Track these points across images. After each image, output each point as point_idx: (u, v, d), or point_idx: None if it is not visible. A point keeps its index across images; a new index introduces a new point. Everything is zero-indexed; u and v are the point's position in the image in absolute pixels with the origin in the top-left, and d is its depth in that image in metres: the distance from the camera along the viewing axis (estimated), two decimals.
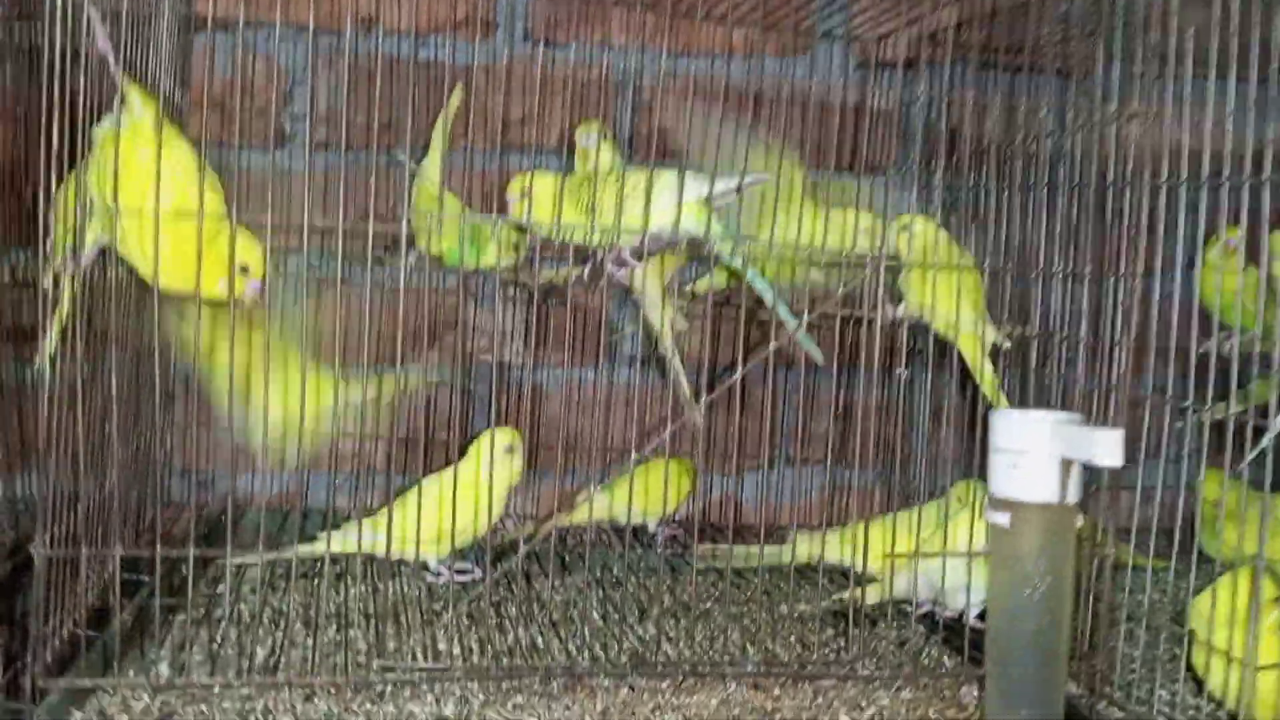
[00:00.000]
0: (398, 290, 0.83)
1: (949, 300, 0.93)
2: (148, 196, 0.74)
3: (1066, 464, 0.72)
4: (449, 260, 1.13)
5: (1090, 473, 0.78)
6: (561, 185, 0.92)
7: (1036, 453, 0.72)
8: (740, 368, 0.84)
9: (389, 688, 0.83)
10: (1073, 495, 0.73)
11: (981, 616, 0.86)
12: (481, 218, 1.02)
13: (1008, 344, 0.96)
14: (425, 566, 1.03)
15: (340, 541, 1.00)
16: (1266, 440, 0.79)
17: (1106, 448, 0.67)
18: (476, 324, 1.29)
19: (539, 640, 0.93)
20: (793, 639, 0.96)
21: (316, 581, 1.04)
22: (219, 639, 0.90)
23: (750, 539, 1.14)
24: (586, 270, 0.96)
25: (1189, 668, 0.82)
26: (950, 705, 0.86)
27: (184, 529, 0.92)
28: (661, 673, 0.87)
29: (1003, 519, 0.74)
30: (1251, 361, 0.81)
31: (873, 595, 0.96)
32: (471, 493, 0.96)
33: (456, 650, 0.90)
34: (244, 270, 0.80)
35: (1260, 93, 0.74)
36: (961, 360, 0.99)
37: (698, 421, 0.85)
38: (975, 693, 0.88)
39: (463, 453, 1.01)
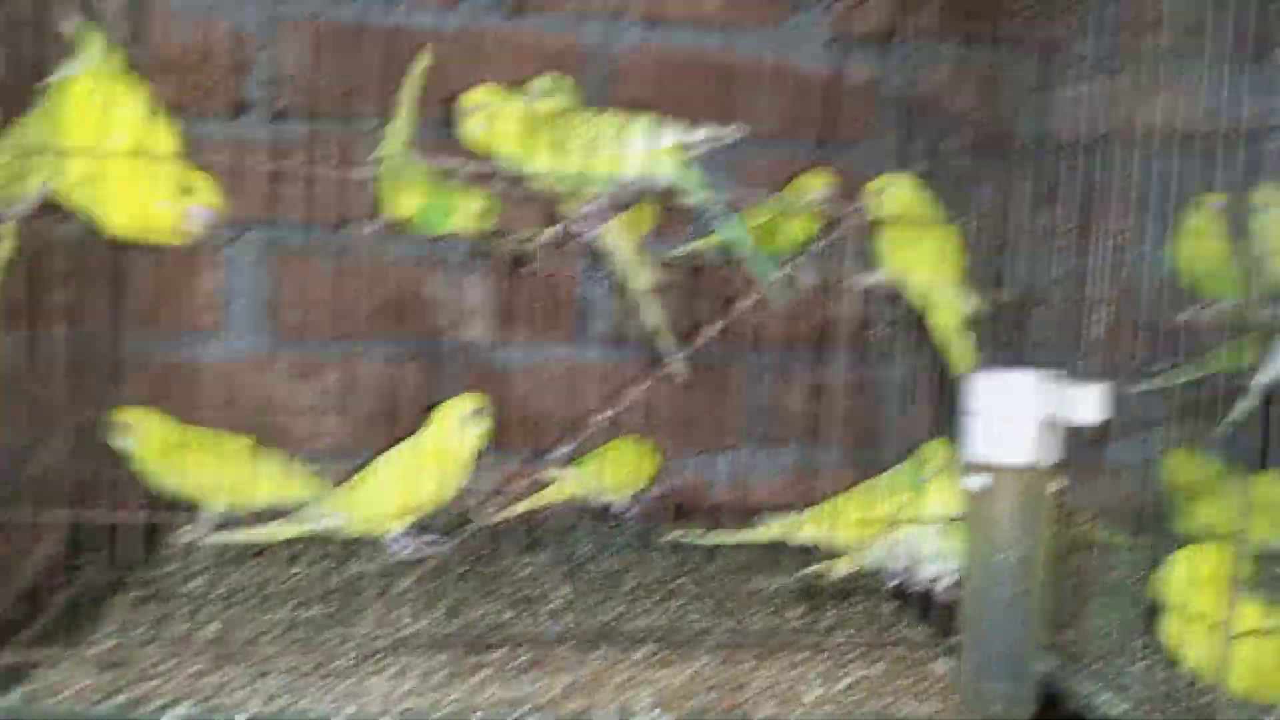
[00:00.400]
0: (360, 260, 0.80)
1: (924, 263, 0.91)
2: (98, 136, 0.72)
3: (1045, 424, 0.70)
4: (419, 223, 1.10)
5: (1067, 448, 0.77)
6: (527, 118, 0.88)
7: (1014, 413, 0.70)
8: (707, 332, 0.81)
9: (346, 663, 0.80)
10: (1050, 457, 0.72)
11: (954, 587, 0.85)
12: (444, 164, 0.96)
13: (982, 312, 0.94)
14: (385, 542, 1.00)
15: (295, 524, 0.97)
16: (1242, 408, 0.78)
17: (1087, 403, 0.66)
18: (442, 297, 1.26)
19: (504, 616, 0.91)
20: (765, 613, 0.94)
21: (271, 558, 1.01)
22: (168, 615, 0.87)
23: (720, 520, 1.12)
24: (558, 231, 0.92)
25: (1162, 640, 0.81)
26: (924, 678, 0.84)
27: (133, 502, 0.89)
28: (629, 644, 0.84)
29: (979, 483, 0.73)
30: (1228, 332, 0.80)
31: (845, 567, 0.94)
32: (435, 461, 0.93)
33: (419, 627, 0.87)
34: (188, 192, 0.77)
35: (1238, 68, 0.73)
36: (935, 330, 0.97)
37: (679, 372, 0.82)
38: (948, 664, 0.86)
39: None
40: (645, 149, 0.82)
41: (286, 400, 1.21)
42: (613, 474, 1.14)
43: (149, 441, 0.99)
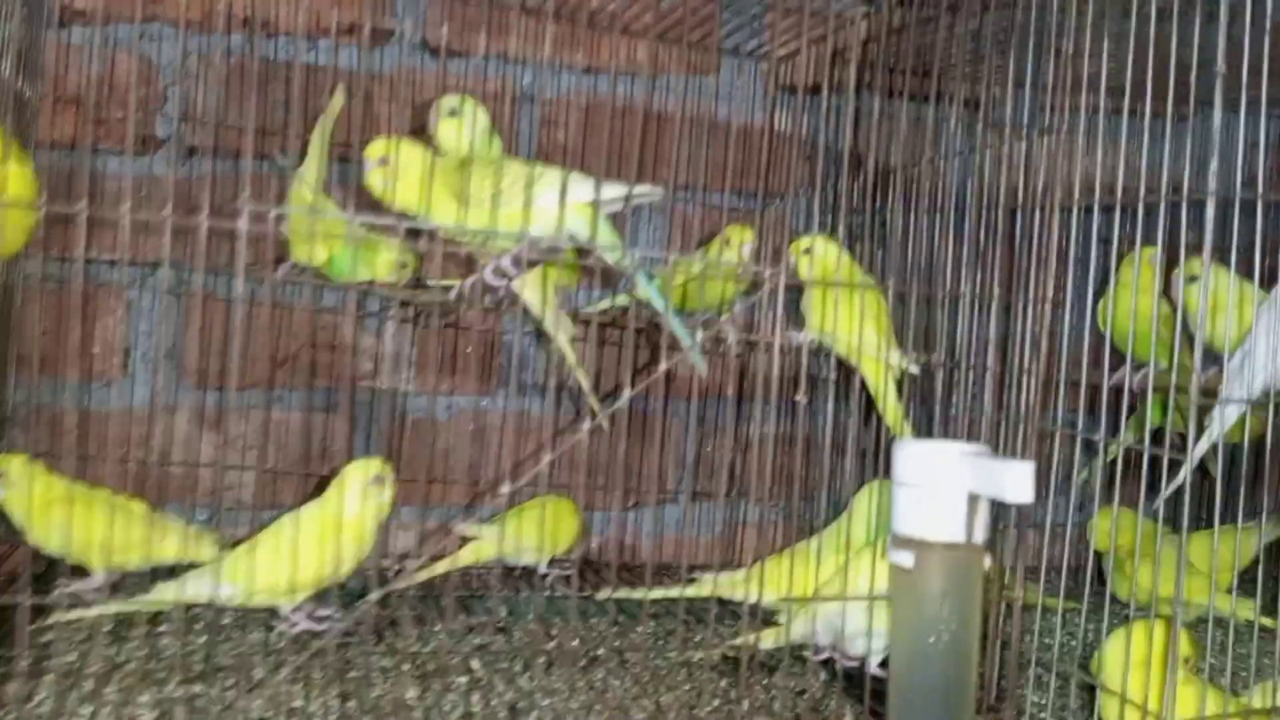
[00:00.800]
0: (271, 306, 0.74)
1: (851, 323, 0.88)
2: None
3: (974, 499, 0.67)
4: (331, 271, 1.04)
5: (997, 510, 0.74)
6: (432, 164, 0.83)
7: (942, 487, 0.67)
8: (630, 387, 0.77)
9: None
10: (980, 534, 0.68)
11: (884, 664, 0.81)
12: (346, 215, 0.88)
13: (915, 369, 0.91)
14: (279, 615, 0.93)
15: (182, 593, 0.90)
16: (1180, 476, 0.75)
17: (1016, 482, 0.62)
18: (357, 345, 1.20)
19: (407, 695, 0.84)
20: (685, 688, 0.89)
21: (154, 629, 0.93)
22: (31, 696, 0.79)
23: (646, 579, 1.07)
24: (468, 285, 0.87)
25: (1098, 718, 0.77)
26: None
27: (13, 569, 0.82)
28: None
29: (906, 559, 0.68)
30: (1165, 394, 0.78)
31: (770, 640, 0.90)
32: (334, 531, 0.87)
33: (313, 708, 0.80)
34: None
35: (1175, 125, 0.72)
36: (865, 388, 0.94)
37: (604, 426, 0.78)
38: None
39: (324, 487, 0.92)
40: (553, 203, 0.78)
41: (191, 451, 1.14)
42: (533, 533, 1.09)
43: (27, 492, 0.92)
